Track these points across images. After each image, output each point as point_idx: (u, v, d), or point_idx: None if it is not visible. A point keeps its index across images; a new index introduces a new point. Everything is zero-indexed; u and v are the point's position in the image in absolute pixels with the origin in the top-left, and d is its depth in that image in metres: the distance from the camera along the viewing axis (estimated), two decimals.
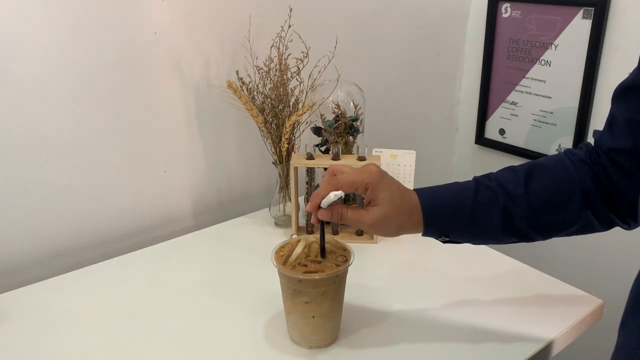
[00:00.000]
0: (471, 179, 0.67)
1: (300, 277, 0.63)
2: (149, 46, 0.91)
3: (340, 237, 0.97)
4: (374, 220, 0.61)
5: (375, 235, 0.96)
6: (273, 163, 1.00)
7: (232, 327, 0.73)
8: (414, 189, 0.65)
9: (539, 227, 0.65)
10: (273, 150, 0.99)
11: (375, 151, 0.99)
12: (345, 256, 0.67)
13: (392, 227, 0.63)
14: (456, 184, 0.66)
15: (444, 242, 0.67)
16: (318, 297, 0.65)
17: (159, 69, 0.94)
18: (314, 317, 0.66)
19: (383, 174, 0.63)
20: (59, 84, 0.84)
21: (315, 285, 0.64)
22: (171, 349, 0.69)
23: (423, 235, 0.65)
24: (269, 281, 0.73)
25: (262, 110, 0.96)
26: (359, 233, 0.98)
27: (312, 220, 0.64)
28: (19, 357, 0.67)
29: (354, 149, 1.00)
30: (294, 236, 0.70)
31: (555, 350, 0.72)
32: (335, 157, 0.92)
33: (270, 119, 0.96)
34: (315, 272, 0.64)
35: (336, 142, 0.97)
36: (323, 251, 0.67)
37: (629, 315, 0.50)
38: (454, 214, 0.63)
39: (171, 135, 1.00)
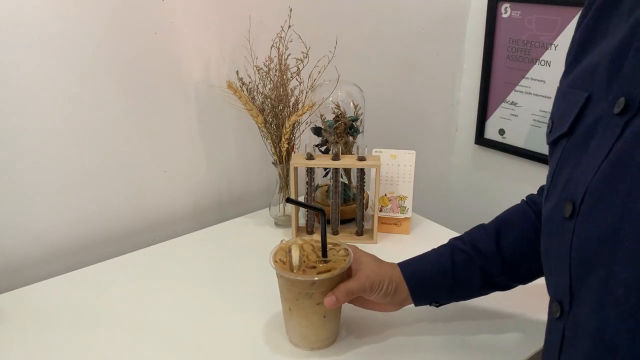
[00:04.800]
0: (446, 242, 0.71)
1: (316, 278, 0.63)
2: (149, 46, 0.91)
3: (341, 237, 0.97)
4: (367, 275, 0.65)
5: (375, 236, 0.96)
6: (273, 163, 1.00)
7: (233, 327, 0.73)
8: (397, 263, 0.69)
9: (518, 277, 0.69)
10: (273, 151, 0.99)
11: (375, 151, 0.99)
12: (346, 249, 0.68)
13: (386, 284, 0.66)
14: (433, 252, 0.70)
15: (437, 306, 0.71)
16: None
17: (158, 69, 0.94)
18: (324, 316, 0.66)
19: (358, 251, 0.70)
20: (58, 84, 0.84)
21: (329, 283, 0.64)
22: (170, 349, 0.69)
23: (416, 305, 0.70)
24: (269, 281, 0.73)
25: (262, 111, 0.96)
26: (359, 233, 0.99)
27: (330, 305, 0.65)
28: (19, 357, 0.67)
29: (354, 149, 1.00)
30: (284, 241, 0.70)
31: None
32: (335, 158, 0.93)
33: (270, 119, 0.96)
34: (328, 270, 0.64)
35: (336, 142, 0.97)
36: (325, 250, 0.67)
37: None
38: (437, 284, 0.68)
39: (171, 135, 1.00)
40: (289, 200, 0.71)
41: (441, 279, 0.67)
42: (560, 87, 0.53)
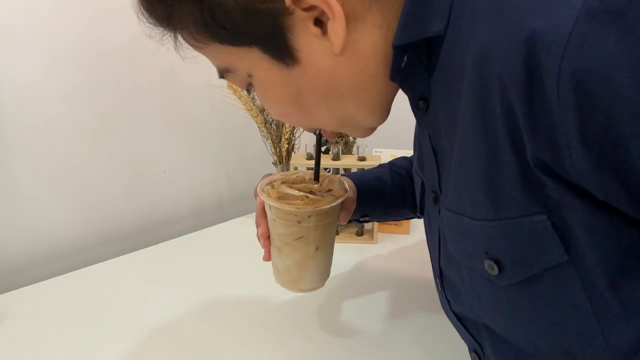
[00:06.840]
0: (382, 164, 0.79)
1: (343, 196, 0.58)
2: (149, 46, 0.91)
3: (341, 237, 0.97)
4: (350, 184, 0.70)
5: (375, 236, 0.96)
6: (273, 163, 1.00)
7: (233, 327, 0.73)
8: (345, 176, 0.75)
9: None
10: (273, 151, 0.99)
11: (375, 151, 0.99)
12: (325, 169, 0.66)
13: (356, 190, 0.71)
14: (374, 170, 0.77)
15: (362, 221, 0.79)
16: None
17: (158, 69, 0.94)
18: (336, 235, 0.63)
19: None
20: (58, 84, 0.84)
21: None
22: (170, 349, 0.69)
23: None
24: (269, 281, 0.72)
25: (261, 111, 0.96)
26: (360, 233, 0.99)
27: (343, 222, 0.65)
28: (19, 357, 0.67)
29: (354, 149, 1.00)
30: (264, 185, 0.62)
31: None
32: (336, 158, 0.92)
33: (270, 119, 0.96)
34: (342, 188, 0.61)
35: (336, 142, 0.97)
36: (317, 175, 0.62)
37: None
38: (377, 197, 0.74)
39: (171, 136, 1.00)
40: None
41: (380, 193, 0.74)
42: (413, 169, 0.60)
